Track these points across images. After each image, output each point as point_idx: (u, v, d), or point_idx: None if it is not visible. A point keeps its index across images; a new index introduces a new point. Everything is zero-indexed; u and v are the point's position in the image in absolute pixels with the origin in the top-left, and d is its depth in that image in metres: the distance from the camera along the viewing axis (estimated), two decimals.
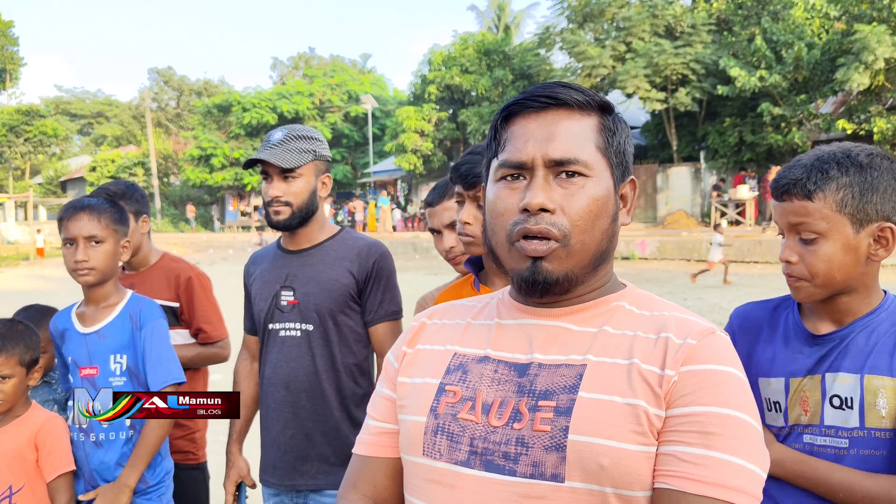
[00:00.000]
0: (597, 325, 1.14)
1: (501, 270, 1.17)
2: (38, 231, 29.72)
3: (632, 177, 1.20)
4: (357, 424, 2.42)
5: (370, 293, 2.48)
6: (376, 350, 2.53)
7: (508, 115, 1.16)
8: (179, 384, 2.45)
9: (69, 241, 2.43)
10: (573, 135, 1.12)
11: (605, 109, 1.17)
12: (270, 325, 2.48)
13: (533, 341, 1.15)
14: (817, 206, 1.51)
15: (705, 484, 0.97)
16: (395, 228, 33.28)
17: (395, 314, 2.53)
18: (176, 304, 3.02)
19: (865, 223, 1.52)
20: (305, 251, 2.50)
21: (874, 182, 1.51)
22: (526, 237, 1.10)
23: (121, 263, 2.57)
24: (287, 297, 2.46)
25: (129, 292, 2.57)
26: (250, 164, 2.45)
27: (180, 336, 3.02)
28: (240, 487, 2.60)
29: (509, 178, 1.14)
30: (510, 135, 1.15)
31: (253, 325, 2.62)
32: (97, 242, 2.42)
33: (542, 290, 1.12)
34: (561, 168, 1.10)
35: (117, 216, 2.49)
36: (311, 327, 2.43)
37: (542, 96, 1.13)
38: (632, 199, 1.20)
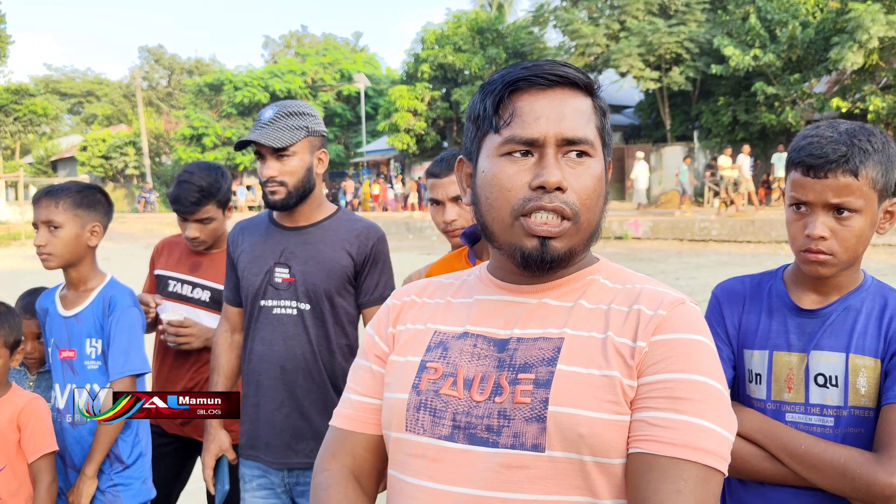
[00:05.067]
0: (572, 299, 1.17)
1: (494, 244, 1.18)
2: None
3: (610, 158, 1.22)
4: None
5: (367, 275, 2.46)
6: None
7: (514, 89, 1.13)
8: (139, 375, 2.43)
9: (35, 226, 2.44)
10: (580, 114, 1.13)
11: (594, 90, 1.18)
12: (263, 302, 2.43)
13: (513, 318, 1.17)
14: (860, 184, 1.52)
15: (675, 446, 1.01)
16: (386, 209, 33.20)
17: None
18: None
19: (885, 198, 1.57)
20: (303, 229, 2.46)
21: (892, 158, 1.55)
22: (537, 212, 1.09)
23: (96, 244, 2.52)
24: (282, 274, 2.41)
25: (109, 276, 2.56)
26: (242, 145, 2.38)
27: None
28: (219, 461, 2.58)
29: (517, 153, 1.12)
30: (517, 110, 1.12)
31: (235, 296, 2.56)
32: (55, 227, 2.41)
33: (549, 267, 1.13)
34: (571, 147, 1.11)
35: (81, 200, 2.46)
36: (307, 306, 2.40)
37: (551, 73, 1.12)
38: (608, 178, 1.22)
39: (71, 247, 2.43)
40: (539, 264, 1.12)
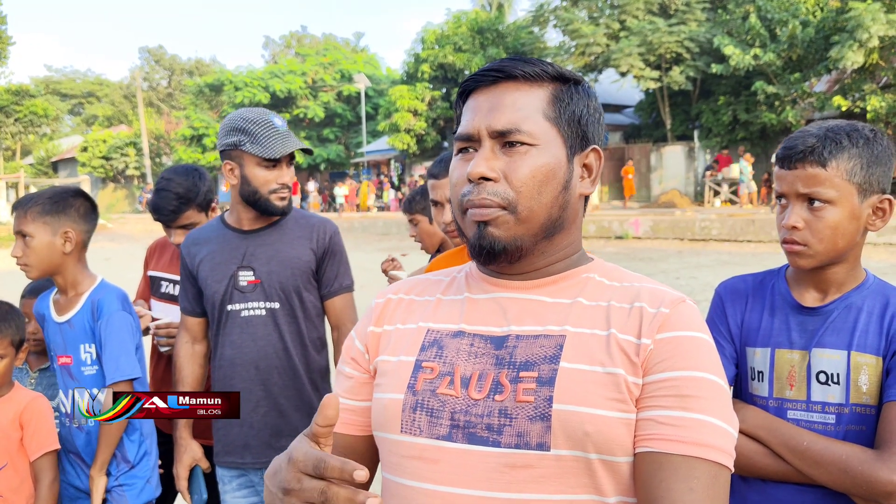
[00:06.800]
0: (570, 296, 1.16)
1: (464, 239, 1.19)
2: None
3: (594, 146, 1.20)
4: (323, 395, 2.47)
5: (327, 267, 2.54)
6: (332, 323, 2.59)
7: (464, 91, 1.21)
8: (132, 380, 2.41)
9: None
10: (518, 106, 1.14)
11: (564, 80, 1.18)
12: (229, 307, 2.46)
13: (507, 314, 1.16)
14: (830, 174, 1.55)
15: (685, 444, 1.01)
16: (388, 208, 33.21)
17: (350, 287, 2.61)
18: None
19: (869, 194, 1.58)
20: (261, 231, 2.51)
21: (878, 155, 1.57)
22: (470, 206, 1.14)
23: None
24: (247, 277, 2.45)
25: (98, 279, 2.53)
26: (305, 152, 2.50)
27: None
28: (193, 471, 2.60)
29: (463, 151, 1.18)
30: (464, 110, 1.20)
31: (194, 307, 2.58)
32: (27, 237, 2.39)
33: (487, 254, 1.14)
34: (504, 138, 1.13)
35: (50, 208, 2.41)
36: (276, 305, 2.45)
37: (493, 70, 1.16)
38: (597, 169, 1.21)
39: (45, 255, 2.40)
40: (479, 252, 1.14)
